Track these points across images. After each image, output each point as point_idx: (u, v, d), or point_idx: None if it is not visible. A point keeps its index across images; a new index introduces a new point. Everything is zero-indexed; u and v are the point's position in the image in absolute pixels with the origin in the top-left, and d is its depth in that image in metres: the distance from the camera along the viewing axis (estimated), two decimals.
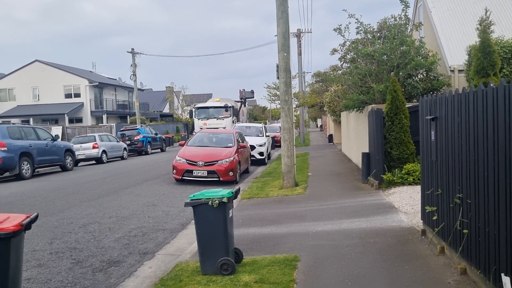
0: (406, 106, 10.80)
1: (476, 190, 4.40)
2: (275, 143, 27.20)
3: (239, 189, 5.94)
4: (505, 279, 3.77)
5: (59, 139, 20.85)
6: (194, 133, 21.25)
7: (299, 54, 34.29)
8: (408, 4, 13.07)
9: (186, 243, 7.32)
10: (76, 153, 21.91)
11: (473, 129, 4.40)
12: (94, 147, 23.58)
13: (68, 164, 20.09)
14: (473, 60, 8.67)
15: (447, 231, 5.35)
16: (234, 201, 5.82)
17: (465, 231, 4.71)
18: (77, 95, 45.07)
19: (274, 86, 43.91)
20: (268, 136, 22.99)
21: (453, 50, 14.69)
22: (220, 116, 29.87)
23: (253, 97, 35.09)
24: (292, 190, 11.59)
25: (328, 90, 26.03)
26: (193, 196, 5.49)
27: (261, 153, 20.24)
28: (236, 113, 31.38)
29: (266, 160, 20.68)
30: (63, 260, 6.50)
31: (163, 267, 6.07)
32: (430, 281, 4.84)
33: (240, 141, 15.85)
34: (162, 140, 33.56)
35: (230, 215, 5.62)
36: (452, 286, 4.65)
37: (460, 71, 13.67)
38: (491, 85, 3.99)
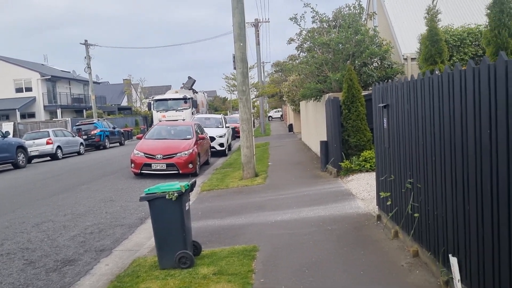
0: (362, 94, 10.98)
1: (425, 175, 4.54)
2: (236, 134, 27.15)
3: (195, 182, 5.88)
4: (453, 260, 3.92)
5: (10, 136, 20.01)
6: (153, 126, 20.90)
7: (257, 44, 34.27)
8: None
9: (144, 238, 7.20)
10: (29, 149, 21.08)
11: (421, 115, 4.53)
12: (48, 143, 22.75)
13: (21, 162, 19.33)
14: (422, 48, 8.93)
15: (400, 216, 5.50)
16: (193, 193, 5.78)
17: (416, 214, 4.86)
18: (29, 89, 43.21)
19: (233, 76, 43.73)
20: (228, 127, 22.91)
21: (406, 38, 15.07)
22: (179, 108, 29.50)
23: (195, 81, 35.29)
24: (252, 181, 11.62)
25: (286, 80, 26.19)
26: (148, 190, 5.39)
27: (221, 144, 20.16)
28: (195, 105, 31.08)
29: (226, 151, 20.63)
30: (15, 262, 6.26)
31: (120, 263, 5.95)
32: (384, 265, 4.97)
33: (199, 133, 15.71)
34: (121, 134, 32.85)
35: (187, 207, 5.56)
36: (405, 269, 4.80)
37: (412, 59, 14.04)
38: (436, 72, 4.10)
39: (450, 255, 3.99)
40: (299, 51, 15.46)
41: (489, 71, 3.16)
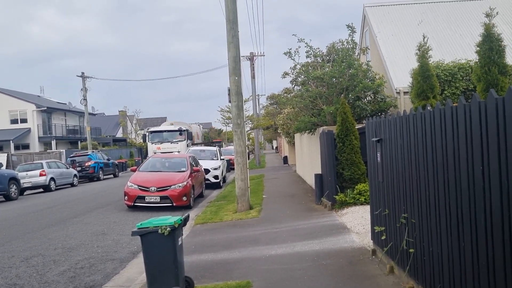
0: (356, 127, 11.06)
1: (419, 210, 4.52)
2: (231, 166, 27.12)
3: (188, 216, 5.82)
4: None
5: (3, 167, 19.91)
6: (147, 158, 20.85)
7: (253, 77, 34.68)
8: (355, 30, 13.58)
9: (136, 273, 7.06)
10: (22, 181, 20.91)
11: (414, 150, 4.55)
12: (41, 175, 22.60)
13: (13, 193, 19.13)
14: (414, 84, 9.08)
15: (395, 251, 5.44)
16: (187, 226, 5.70)
17: (411, 250, 4.81)
18: (24, 121, 43.27)
19: (228, 109, 43.99)
20: (223, 159, 22.91)
21: (398, 72, 15.32)
22: (174, 140, 29.55)
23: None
24: (246, 214, 11.52)
25: (281, 112, 26.43)
26: (141, 224, 5.32)
27: (216, 177, 20.10)
28: (190, 137, 31.16)
29: (221, 184, 20.54)
30: None
31: None
32: None
33: (194, 165, 15.68)
34: (115, 166, 32.71)
35: (180, 242, 5.48)
36: None
37: (405, 92, 14.22)
38: (428, 108, 4.15)
39: None
40: (293, 85, 15.64)
41: (480, 108, 3.20)
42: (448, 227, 3.84)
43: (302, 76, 14.45)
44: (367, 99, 13.77)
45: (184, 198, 13.51)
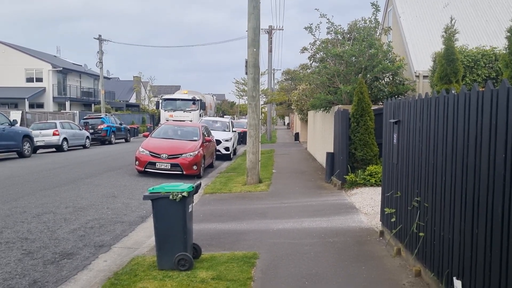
0: (372, 108, 10.94)
1: (433, 195, 4.47)
2: (240, 139, 27.13)
3: (200, 184, 5.84)
4: (457, 283, 3.85)
5: (17, 124, 20.08)
6: (160, 125, 20.90)
7: (270, 51, 34.30)
8: (379, 8, 13.26)
9: (144, 237, 7.17)
10: (35, 139, 21.12)
11: (434, 134, 4.47)
12: (54, 134, 22.81)
13: (26, 151, 19.36)
14: (437, 67, 8.88)
15: (404, 233, 5.43)
16: (195, 195, 5.73)
17: (421, 234, 4.79)
18: (39, 80, 43.45)
19: (243, 81, 43.65)
20: (235, 131, 22.91)
21: (419, 56, 15.02)
22: (187, 109, 29.52)
23: None
24: (255, 187, 11.57)
25: (296, 88, 26.20)
26: (153, 189, 5.36)
27: (226, 148, 20.14)
28: (203, 107, 31.11)
29: (231, 156, 20.60)
30: (13, 251, 6.23)
31: (119, 260, 5.91)
32: (385, 282, 4.90)
33: (206, 135, 15.70)
34: (127, 130, 32.92)
35: (190, 209, 5.52)
36: None
37: (425, 76, 13.99)
38: (453, 92, 4.05)
39: (454, 278, 3.92)
40: (311, 61, 15.43)
41: (509, 94, 3.11)
42: (462, 213, 3.80)
43: (321, 53, 14.23)
44: (385, 80, 13.55)
45: (195, 167, 13.58)
